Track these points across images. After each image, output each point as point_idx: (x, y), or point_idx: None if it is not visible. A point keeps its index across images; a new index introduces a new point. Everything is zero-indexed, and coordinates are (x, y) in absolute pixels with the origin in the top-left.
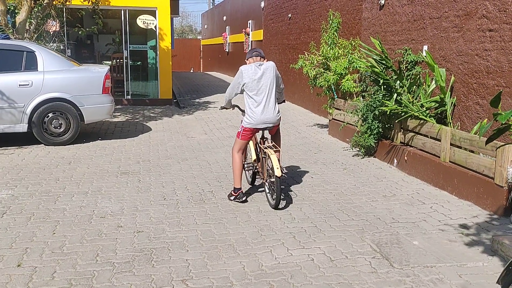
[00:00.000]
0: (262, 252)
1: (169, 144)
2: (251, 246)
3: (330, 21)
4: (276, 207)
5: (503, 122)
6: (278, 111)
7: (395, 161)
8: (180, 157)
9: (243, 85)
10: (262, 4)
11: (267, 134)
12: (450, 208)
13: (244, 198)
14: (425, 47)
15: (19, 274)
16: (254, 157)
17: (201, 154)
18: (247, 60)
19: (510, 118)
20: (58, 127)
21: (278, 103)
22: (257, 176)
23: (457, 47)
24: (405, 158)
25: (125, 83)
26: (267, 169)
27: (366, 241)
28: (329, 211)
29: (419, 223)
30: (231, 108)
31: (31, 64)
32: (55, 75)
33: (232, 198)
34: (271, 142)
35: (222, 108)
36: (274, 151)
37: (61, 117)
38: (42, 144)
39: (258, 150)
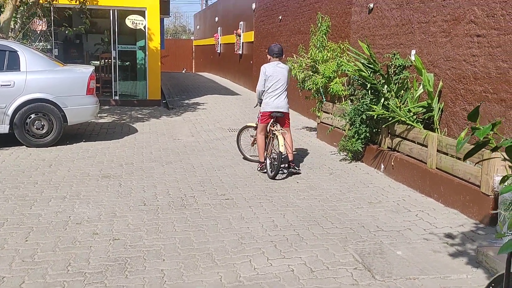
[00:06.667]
0: (241, 262)
1: (154, 147)
2: (230, 255)
3: (319, 24)
4: (273, 177)
5: (481, 138)
6: (287, 102)
7: (382, 166)
8: (164, 160)
9: (265, 78)
10: (253, 6)
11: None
12: (435, 216)
13: (265, 170)
14: (413, 52)
15: None
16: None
17: (186, 157)
18: (268, 56)
19: (489, 132)
20: (41, 129)
21: None
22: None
23: (444, 52)
24: (392, 163)
25: (113, 83)
26: (271, 148)
27: (349, 251)
28: (313, 218)
29: (403, 232)
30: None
31: (13, 64)
32: (38, 75)
33: (259, 169)
34: (280, 128)
35: (256, 106)
36: (281, 132)
37: (44, 118)
38: (24, 146)
39: (268, 131)
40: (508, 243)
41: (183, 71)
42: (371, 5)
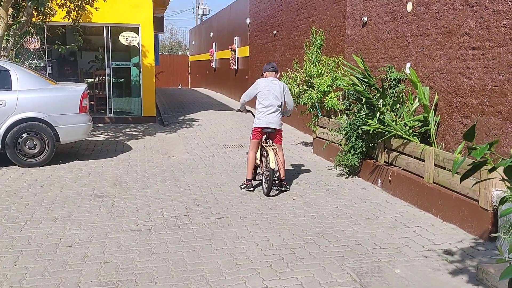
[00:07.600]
0: (235, 284)
1: (148, 164)
2: (225, 277)
3: (313, 38)
4: (267, 194)
5: (478, 158)
6: (280, 118)
7: (379, 181)
8: (158, 178)
9: (257, 93)
10: (248, 21)
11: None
12: (434, 232)
13: (252, 188)
14: (408, 65)
15: None
16: (258, 157)
17: (181, 175)
18: (264, 73)
19: (486, 152)
20: (33, 148)
21: (283, 116)
22: (258, 171)
23: (440, 65)
24: (389, 178)
25: (107, 100)
26: (265, 164)
27: (346, 270)
28: (309, 236)
29: (402, 249)
30: (245, 112)
31: (4, 83)
32: (30, 94)
33: (242, 186)
34: (273, 144)
35: (238, 110)
36: (272, 148)
37: (36, 138)
38: (16, 166)
39: (262, 150)
40: (509, 269)
41: (179, 87)
42: (365, 19)
